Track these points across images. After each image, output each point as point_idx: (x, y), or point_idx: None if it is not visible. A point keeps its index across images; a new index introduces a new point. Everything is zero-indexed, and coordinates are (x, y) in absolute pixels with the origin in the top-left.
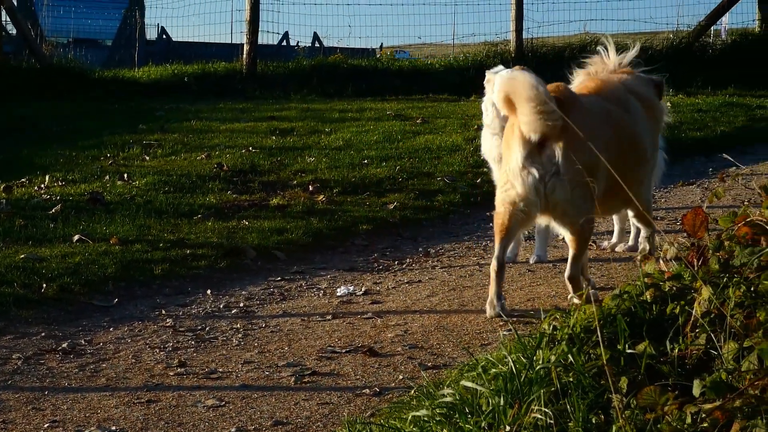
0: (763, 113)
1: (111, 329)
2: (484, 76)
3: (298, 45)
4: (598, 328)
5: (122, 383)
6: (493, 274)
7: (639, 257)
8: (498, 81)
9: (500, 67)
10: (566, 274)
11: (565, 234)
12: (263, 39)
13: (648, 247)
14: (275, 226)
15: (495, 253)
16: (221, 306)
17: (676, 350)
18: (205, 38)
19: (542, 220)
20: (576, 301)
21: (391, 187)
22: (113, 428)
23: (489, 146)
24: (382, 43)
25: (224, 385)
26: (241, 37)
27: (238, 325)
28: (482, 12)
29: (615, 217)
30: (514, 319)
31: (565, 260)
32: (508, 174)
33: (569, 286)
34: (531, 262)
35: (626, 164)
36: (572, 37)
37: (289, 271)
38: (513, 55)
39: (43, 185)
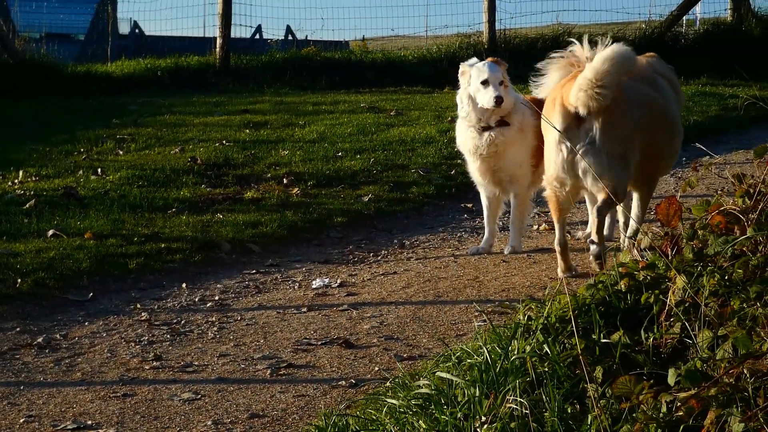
0: (735, 102)
1: (86, 324)
2: (458, 68)
3: (271, 41)
4: (572, 318)
5: (98, 377)
6: (559, 257)
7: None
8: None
9: (474, 59)
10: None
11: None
12: (236, 32)
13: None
14: (250, 220)
15: (556, 235)
16: (196, 299)
17: (651, 339)
18: (178, 32)
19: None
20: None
21: (366, 179)
22: (89, 422)
23: (464, 138)
24: (363, 36)
25: (200, 379)
26: (214, 31)
27: (214, 319)
28: (455, 3)
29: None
30: (489, 309)
31: (540, 251)
32: (547, 150)
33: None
34: (506, 252)
35: (659, 139)
36: (545, 28)
37: (264, 264)
38: (486, 46)
39: (16, 180)
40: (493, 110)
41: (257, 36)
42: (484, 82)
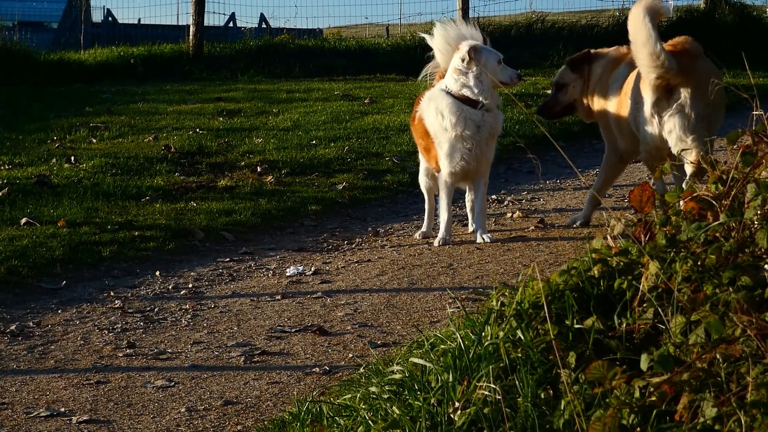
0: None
1: (59, 311)
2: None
3: (244, 29)
4: (545, 304)
5: (71, 365)
6: None
7: None
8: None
9: (474, 42)
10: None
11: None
12: (210, 20)
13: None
14: (223, 208)
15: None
16: (170, 287)
17: (624, 325)
18: (151, 20)
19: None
20: None
21: (340, 167)
22: (62, 410)
23: (463, 118)
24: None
25: (174, 366)
26: (187, 19)
27: (187, 306)
28: None
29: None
30: (463, 296)
31: (512, 240)
32: (640, 124)
33: None
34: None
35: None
36: (518, 16)
37: (237, 252)
38: None
39: None
40: (497, 91)
41: (231, 24)
42: (500, 62)
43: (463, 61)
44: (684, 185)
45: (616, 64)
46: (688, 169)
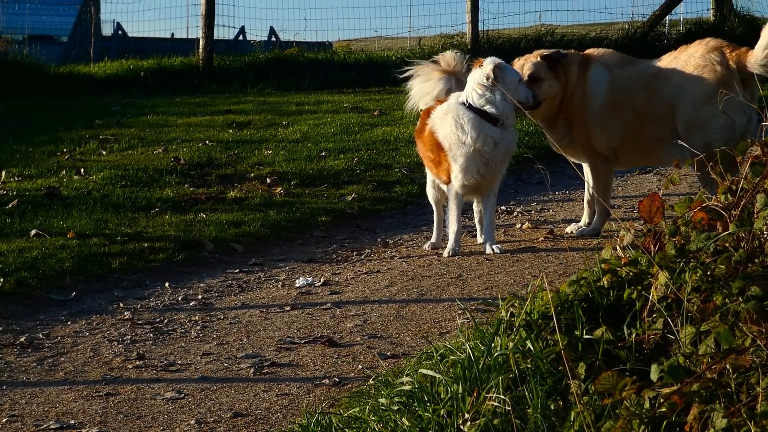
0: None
1: (69, 323)
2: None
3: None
4: (554, 314)
5: (81, 377)
6: None
7: None
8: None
9: (495, 58)
10: None
11: None
12: (220, 34)
13: None
14: (233, 219)
15: None
16: (179, 298)
17: (634, 335)
18: (161, 33)
19: None
20: None
21: (349, 178)
22: (72, 422)
23: (484, 134)
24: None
25: (183, 378)
26: (197, 32)
27: (197, 318)
28: (438, 4)
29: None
30: (473, 306)
31: (521, 250)
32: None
33: None
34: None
35: None
36: (528, 29)
37: (247, 263)
38: (469, 46)
39: None
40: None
41: (240, 37)
42: (520, 81)
43: (487, 78)
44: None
45: (587, 65)
46: None
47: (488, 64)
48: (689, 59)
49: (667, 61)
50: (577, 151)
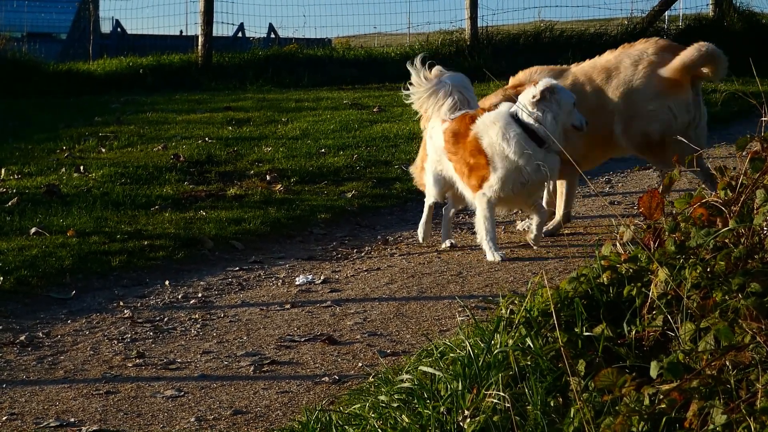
0: (716, 98)
1: (69, 321)
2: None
3: (253, 38)
4: (554, 311)
5: (81, 375)
6: None
7: None
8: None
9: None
10: None
11: None
12: (219, 31)
13: None
14: (233, 216)
15: None
16: (179, 297)
17: (634, 332)
18: (160, 30)
19: None
20: None
21: (349, 175)
22: (72, 420)
23: (528, 154)
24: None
25: (183, 376)
26: (196, 29)
27: (197, 316)
28: (437, 0)
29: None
30: (473, 304)
31: (521, 247)
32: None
33: None
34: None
35: None
36: (527, 25)
37: (247, 260)
38: (468, 43)
39: None
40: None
41: (239, 34)
42: (574, 104)
43: (534, 98)
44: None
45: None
46: None
47: (541, 84)
48: (642, 55)
49: (615, 55)
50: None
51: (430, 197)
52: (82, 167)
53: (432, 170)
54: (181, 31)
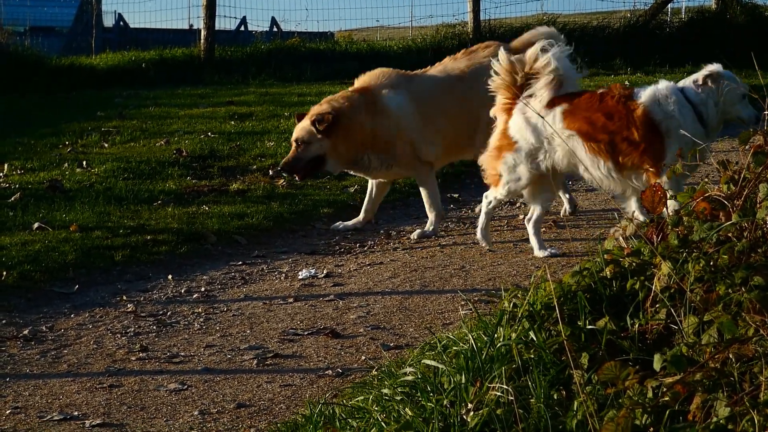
0: None
1: (72, 316)
2: (442, 57)
3: (255, 32)
4: (557, 305)
5: (84, 369)
6: None
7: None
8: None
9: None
10: None
11: None
12: (221, 24)
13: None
14: (235, 211)
15: None
16: (182, 291)
17: (637, 326)
18: (163, 24)
19: None
20: None
21: None
22: (75, 413)
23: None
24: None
25: (186, 369)
26: (198, 23)
27: (200, 310)
28: None
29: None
30: (476, 297)
31: (524, 241)
32: None
33: None
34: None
35: None
36: (530, 18)
37: (250, 255)
38: (471, 36)
39: (1, 174)
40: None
41: (242, 28)
42: (744, 96)
43: (696, 83)
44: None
45: (374, 99)
46: None
47: (712, 68)
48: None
49: (464, 65)
50: (402, 169)
51: (501, 192)
52: (84, 162)
53: (522, 160)
54: (191, 25)
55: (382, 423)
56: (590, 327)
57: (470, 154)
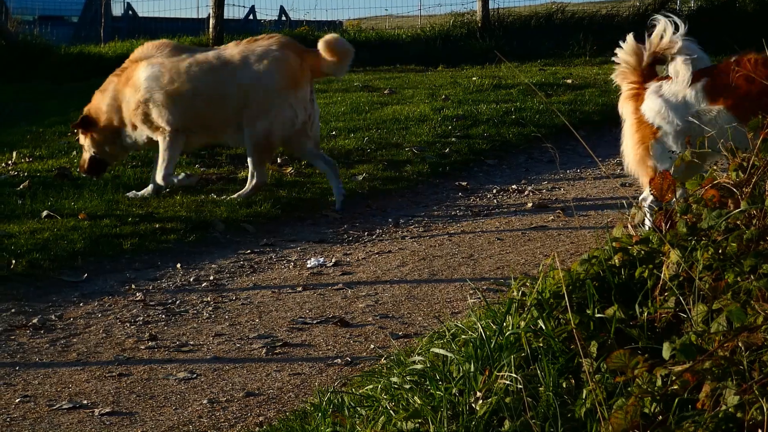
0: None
1: (81, 304)
2: (450, 46)
3: (264, 21)
4: (566, 293)
5: (93, 357)
6: None
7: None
8: None
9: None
10: None
11: None
12: (230, 13)
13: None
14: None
15: None
16: (191, 279)
17: (646, 314)
18: (172, 13)
19: None
20: None
21: (360, 158)
22: (85, 402)
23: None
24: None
25: (195, 358)
26: (207, 12)
27: (209, 298)
28: None
29: None
30: (484, 286)
31: (532, 229)
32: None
33: None
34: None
35: None
36: (538, 6)
37: (258, 243)
38: (479, 24)
39: (10, 162)
40: None
41: (251, 17)
42: None
43: None
44: None
45: (133, 70)
46: None
47: None
48: (266, 52)
49: (239, 49)
50: (153, 142)
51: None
52: None
53: (671, 145)
54: (209, 16)
55: (391, 411)
56: (599, 315)
57: (230, 141)
